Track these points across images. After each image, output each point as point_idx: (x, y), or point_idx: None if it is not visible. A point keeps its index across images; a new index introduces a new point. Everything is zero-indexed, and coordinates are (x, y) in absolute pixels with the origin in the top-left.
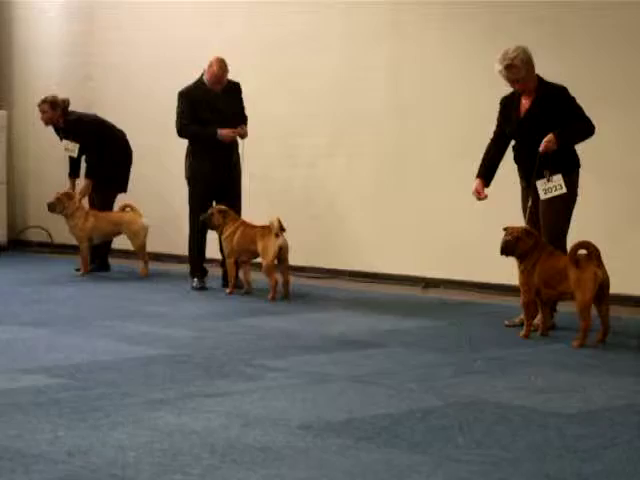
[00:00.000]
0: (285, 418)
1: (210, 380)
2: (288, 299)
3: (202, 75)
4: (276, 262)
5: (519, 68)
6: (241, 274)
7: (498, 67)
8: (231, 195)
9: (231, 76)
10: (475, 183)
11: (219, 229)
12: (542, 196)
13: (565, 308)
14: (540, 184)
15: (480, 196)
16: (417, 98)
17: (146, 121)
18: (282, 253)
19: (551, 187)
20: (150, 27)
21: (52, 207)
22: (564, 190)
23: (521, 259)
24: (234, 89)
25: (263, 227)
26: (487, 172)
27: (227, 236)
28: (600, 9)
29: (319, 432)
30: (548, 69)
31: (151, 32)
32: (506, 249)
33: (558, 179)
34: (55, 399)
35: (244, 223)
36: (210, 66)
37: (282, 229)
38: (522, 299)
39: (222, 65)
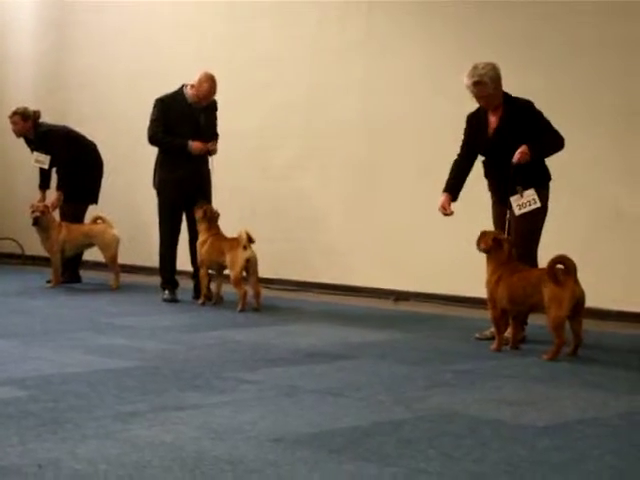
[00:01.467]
0: (255, 431)
1: (181, 392)
2: (259, 310)
3: (182, 87)
4: (245, 274)
5: (487, 85)
6: (213, 285)
7: (467, 82)
8: None
9: None
10: (442, 198)
11: (198, 223)
12: (517, 212)
13: (536, 320)
14: (514, 200)
15: (446, 211)
16: (388, 112)
17: (117, 132)
18: (250, 265)
19: (525, 202)
20: (123, 39)
21: (38, 221)
22: (538, 204)
23: (487, 263)
24: (211, 105)
25: (232, 239)
26: (454, 187)
27: (200, 242)
28: (574, 21)
29: (289, 445)
30: (520, 82)
31: (124, 43)
32: (478, 240)
33: (531, 194)
34: (25, 411)
35: (216, 234)
36: (201, 82)
37: (251, 241)
38: (491, 314)
39: (214, 84)
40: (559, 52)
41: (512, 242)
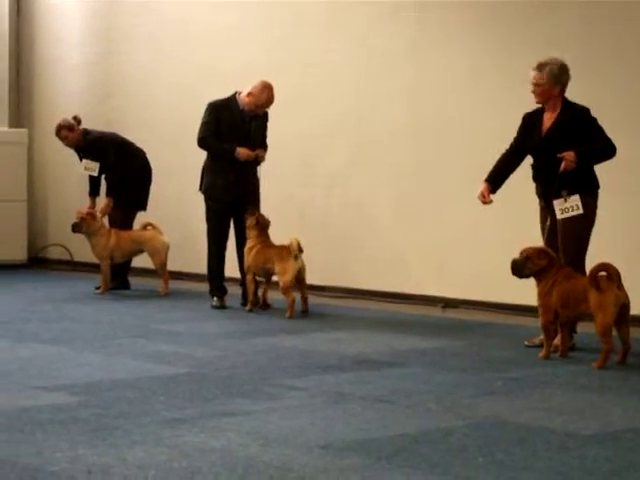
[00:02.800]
0: (304, 437)
1: (230, 399)
2: (307, 313)
3: (235, 93)
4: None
5: (542, 74)
6: (260, 292)
7: (530, 71)
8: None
9: None
10: (482, 187)
11: (248, 230)
12: (559, 216)
13: (585, 329)
14: (557, 204)
15: (485, 200)
16: (437, 118)
17: (166, 139)
18: (300, 274)
19: (568, 207)
20: (170, 46)
21: (77, 227)
22: (581, 211)
23: (538, 280)
24: (263, 115)
25: (281, 247)
26: (496, 178)
27: (247, 250)
28: (625, 24)
29: (338, 452)
30: (570, 91)
31: (171, 51)
32: (514, 269)
33: (575, 199)
34: (75, 417)
35: (264, 241)
36: (259, 91)
37: (300, 250)
38: (541, 320)
39: (272, 93)
40: (608, 56)
41: (551, 247)
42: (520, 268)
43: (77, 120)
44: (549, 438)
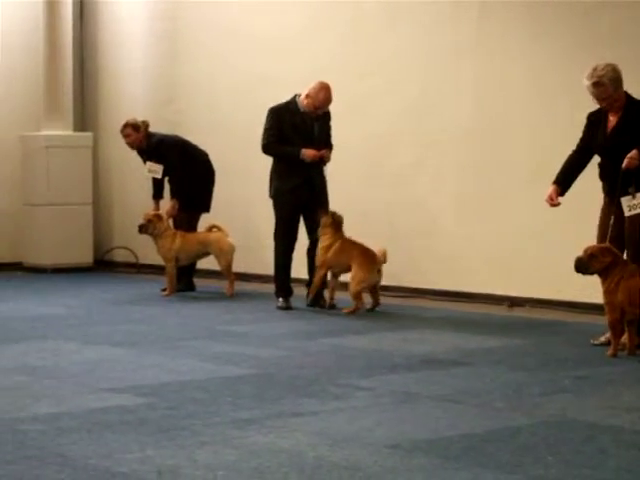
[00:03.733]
0: (372, 437)
1: (297, 399)
2: (379, 305)
3: (295, 96)
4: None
5: (606, 86)
6: (327, 292)
7: (586, 83)
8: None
9: None
10: (550, 189)
11: (322, 228)
12: (626, 213)
13: None
14: (625, 201)
15: (553, 202)
16: (501, 116)
17: (229, 141)
18: (376, 286)
19: (636, 204)
20: (232, 50)
21: (143, 229)
22: None
23: (603, 277)
24: (325, 115)
25: (364, 248)
26: (564, 181)
27: (322, 247)
28: None
29: (407, 451)
30: (629, 87)
31: (233, 54)
32: (578, 266)
33: None
34: (143, 418)
35: (343, 236)
36: (316, 92)
37: (384, 261)
38: (607, 318)
39: (329, 93)
40: None
41: (616, 245)
42: (585, 266)
43: (145, 124)
44: (618, 436)
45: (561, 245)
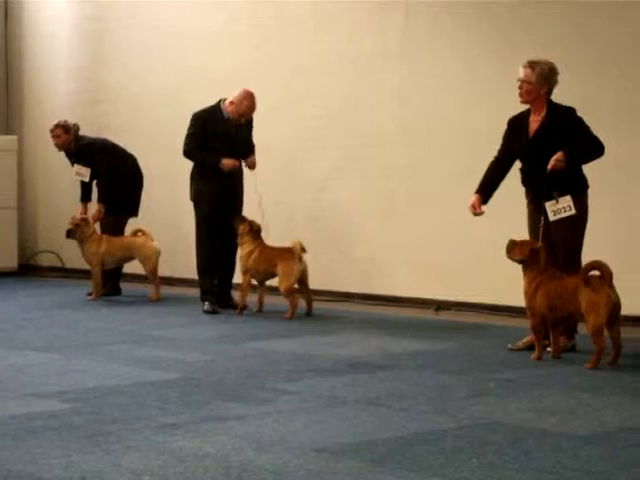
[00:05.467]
0: (298, 441)
1: (223, 403)
2: (311, 315)
3: (219, 101)
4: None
5: (531, 72)
6: (255, 296)
7: (519, 69)
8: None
9: None
10: (473, 198)
11: (240, 236)
12: (551, 217)
13: (581, 330)
14: (549, 205)
15: (476, 211)
16: (426, 120)
17: (156, 145)
18: (303, 276)
19: (560, 208)
20: (159, 52)
21: (71, 234)
22: (573, 211)
23: (523, 274)
24: (248, 120)
25: (284, 249)
26: (486, 189)
27: (243, 255)
28: (615, 23)
29: (332, 455)
30: (561, 91)
31: (160, 56)
32: (507, 247)
33: (567, 200)
34: (68, 423)
35: (262, 243)
36: (241, 100)
37: (303, 251)
38: (530, 322)
39: (254, 102)
40: (599, 56)
41: (546, 249)
42: (507, 249)
43: (76, 127)
44: (542, 439)
45: (487, 249)
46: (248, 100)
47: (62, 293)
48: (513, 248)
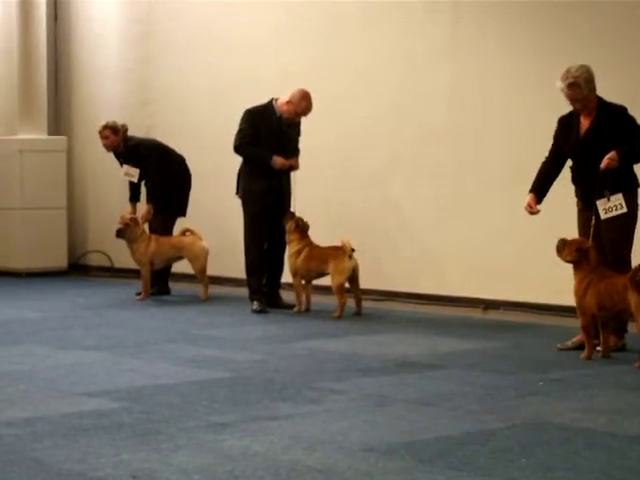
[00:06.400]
0: (347, 441)
1: (272, 403)
2: (361, 315)
3: (272, 100)
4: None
5: (581, 87)
6: (303, 295)
7: (560, 85)
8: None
9: None
10: (528, 197)
11: (288, 234)
12: (602, 216)
13: (631, 329)
14: (600, 204)
15: (532, 210)
16: (477, 118)
17: (203, 145)
18: (354, 273)
19: (611, 207)
20: (207, 52)
21: (121, 233)
22: (624, 209)
23: (574, 273)
24: (297, 121)
25: (334, 248)
26: (540, 188)
27: (292, 254)
28: None
29: (381, 455)
30: (608, 90)
31: (208, 57)
32: (557, 246)
33: (618, 198)
34: (118, 422)
35: (311, 243)
36: (299, 100)
37: (352, 250)
38: (580, 321)
39: (310, 102)
40: None
41: (597, 248)
42: (557, 249)
43: (124, 128)
44: (592, 439)
45: (536, 248)
46: (306, 100)
47: (111, 293)
48: (563, 248)
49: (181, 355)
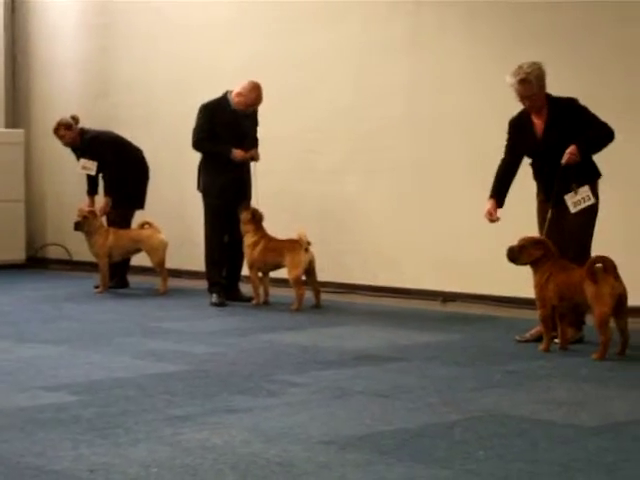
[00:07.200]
0: (306, 433)
1: (231, 396)
2: (320, 307)
3: (226, 93)
4: (304, 276)
5: (532, 84)
6: (261, 288)
7: (510, 80)
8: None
9: None
10: (488, 204)
11: (244, 225)
12: (572, 209)
13: (589, 321)
14: (569, 198)
15: (492, 217)
16: (435, 113)
17: (164, 136)
18: (311, 266)
19: (580, 199)
20: (167, 43)
21: (79, 226)
22: (592, 201)
23: (534, 270)
24: (253, 111)
25: (290, 240)
26: (499, 192)
27: (248, 245)
28: (620, 23)
29: (340, 447)
30: (566, 83)
31: (167, 48)
32: (509, 256)
33: (585, 190)
34: (76, 416)
35: (266, 234)
36: (248, 91)
37: (309, 242)
38: (539, 313)
39: (260, 93)
40: (604, 52)
41: (553, 239)
42: (515, 256)
43: (75, 119)
44: (550, 430)
45: (493, 240)
46: (256, 91)
47: (69, 286)
48: (520, 253)
49: (140, 348)
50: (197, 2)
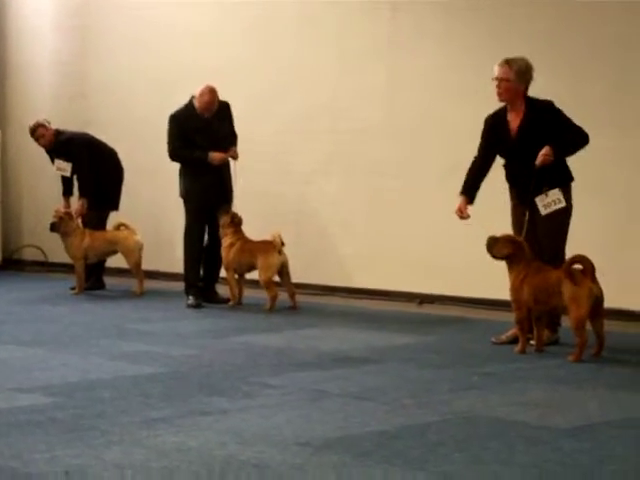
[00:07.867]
0: (282, 435)
1: (207, 398)
2: (296, 309)
3: (192, 98)
4: (277, 278)
5: (510, 69)
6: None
7: (495, 68)
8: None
9: (225, 95)
10: (459, 201)
11: (223, 228)
12: (542, 212)
13: (564, 323)
14: (539, 200)
15: (462, 214)
16: (412, 116)
17: (141, 139)
18: (284, 268)
19: (550, 202)
20: (145, 46)
21: (55, 227)
22: (563, 204)
23: (508, 270)
24: (224, 110)
25: (264, 242)
26: (471, 188)
27: (225, 247)
28: (599, 22)
29: (316, 449)
30: (545, 84)
31: (144, 50)
32: (486, 244)
33: (556, 193)
34: (51, 418)
35: (243, 237)
36: (201, 95)
37: (283, 244)
38: (515, 316)
39: (213, 94)
40: (583, 53)
41: (530, 243)
42: (489, 246)
43: (47, 121)
44: (525, 432)
45: (470, 243)
46: (207, 95)
47: (45, 287)
48: (495, 244)
49: (115, 350)
50: (175, 4)
